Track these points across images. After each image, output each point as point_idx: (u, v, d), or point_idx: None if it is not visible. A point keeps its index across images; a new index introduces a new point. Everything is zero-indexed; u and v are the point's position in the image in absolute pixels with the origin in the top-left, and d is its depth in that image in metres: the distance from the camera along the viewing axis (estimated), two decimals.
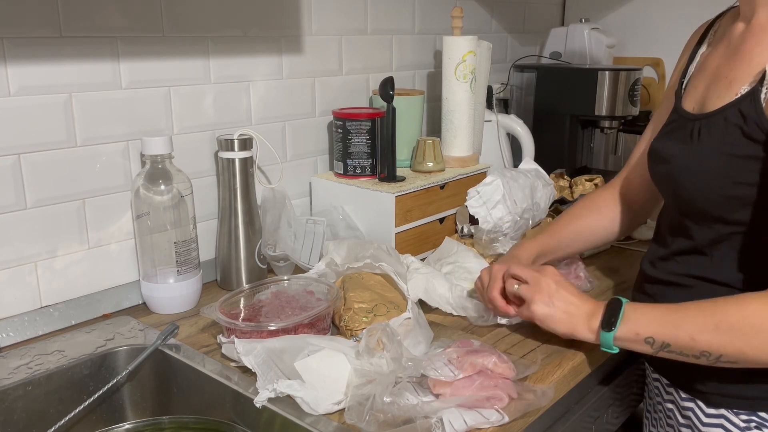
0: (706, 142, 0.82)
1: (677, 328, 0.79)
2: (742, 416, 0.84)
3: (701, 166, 0.82)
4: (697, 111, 0.87)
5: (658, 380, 0.98)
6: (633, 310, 0.84)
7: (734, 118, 0.79)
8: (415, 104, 1.43)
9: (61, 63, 1.00)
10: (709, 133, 0.82)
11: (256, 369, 0.83)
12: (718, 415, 0.86)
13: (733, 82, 0.81)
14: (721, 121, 0.80)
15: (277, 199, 1.23)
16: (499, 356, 0.84)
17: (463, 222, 1.36)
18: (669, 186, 0.89)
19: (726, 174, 0.79)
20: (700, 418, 0.88)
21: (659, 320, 0.81)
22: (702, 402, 0.88)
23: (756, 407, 0.83)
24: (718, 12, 0.99)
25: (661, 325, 0.80)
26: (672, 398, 0.94)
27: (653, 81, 1.90)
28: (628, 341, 0.83)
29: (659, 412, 0.99)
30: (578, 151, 1.73)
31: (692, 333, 0.77)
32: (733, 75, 0.82)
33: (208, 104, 1.20)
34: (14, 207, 0.98)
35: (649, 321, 0.82)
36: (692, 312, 0.78)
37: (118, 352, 0.96)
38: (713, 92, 0.84)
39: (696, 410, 0.88)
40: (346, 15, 1.42)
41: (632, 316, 0.83)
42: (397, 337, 0.83)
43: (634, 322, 0.83)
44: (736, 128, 0.78)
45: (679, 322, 0.79)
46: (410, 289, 1.03)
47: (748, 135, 0.77)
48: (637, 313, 0.83)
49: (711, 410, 0.87)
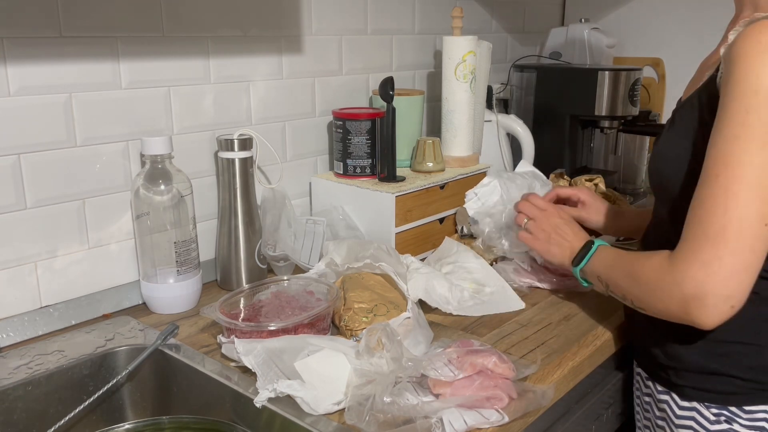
0: (677, 127, 0.87)
1: (612, 271, 0.90)
2: (713, 410, 0.87)
3: (670, 151, 0.87)
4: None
5: (639, 374, 1.00)
6: (600, 252, 0.96)
7: (697, 102, 0.83)
8: (415, 104, 1.43)
9: (61, 63, 1.00)
10: (681, 119, 0.86)
11: (256, 369, 0.83)
12: (690, 408, 0.89)
13: (705, 71, 0.86)
14: (689, 107, 0.85)
15: (277, 199, 1.23)
16: (499, 356, 0.84)
17: (463, 222, 1.36)
18: (650, 174, 0.93)
19: (683, 157, 0.83)
20: (674, 411, 0.91)
21: (608, 263, 0.92)
22: (676, 395, 0.90)
23: (727, 402, 0.86)
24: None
25: (606, 268, 0.92)
26: (650, 391, 0.96)
27: (653, 81, 1.90)
28: (591, 277, 0.97)
29: (638, 405, 1.02)
30: (578, 151, 1.73)
31: (617, 278, 0.89)
32: (706, 65, 0.88)
33: (208, 104, 1.20)
34: (14, 207, 0.98)
35: (603, 263, 0.94)
36: (624, 260, 0.89)
37: (118, 352, 0.96)
38: (691, 85, 0.90)
39: (671, 403, 0.91)
40: (346, 15, 1.42)
41: (598, 256, 0.95)
42: (397, 337, 0.83)
43: (595, 262, 0.95)
44: (696, 112, 0.83)
45: (615, 267, 0.90)
46: (410, 289, 1.03)
47: (702, 118, 0.81)
48: (601, 254, 0.95)
49: (684, 403, 0.89)
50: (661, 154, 0.89)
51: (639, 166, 1.82)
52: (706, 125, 0.78)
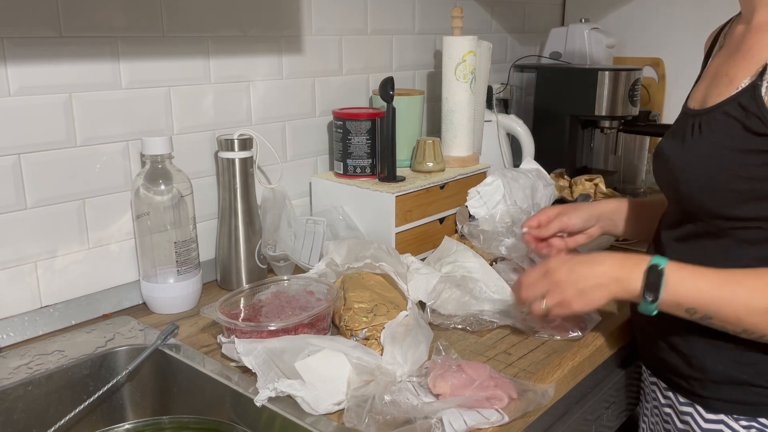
0: (706, 136, 0.82)
1: (723, 306, 0.76)
2: (743, 422, 0.83)
3: (700, 160, 0.82)
4: (698, 108, 0.87)
5: (655, 384, 0.97)
6: (675, 277, 0.79)
7: (734, 111, 0.79)
8: (415, 104, 1.43)
9: (61, 63, 1.00)
10: (709, 128, 0.82)
11: (256, 369, 0.83)
12: (717, 421, 0.85)
13: (734, 79, 0.81)
14: (721, 115, 0.81)
15: (277, 199, 1.23)
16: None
17: (463, 222, 1.36)
18: (671, 183, 0.88)
19: (725, 167, 0.79)
20: (699, 424, 0.87)
21: (704, 294, 0.77)
22: (701, 407, 0.87)
23: (756, 413, 0.82)
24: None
25: (706, 301, 0.77)
26: (670, 402, 0.93)
27: (653, 81, 1.90)
28: (668, 308, 0.80)
29: (656, 416, 0.99)
30: (578, 151, 1.73)
31: (739, 313, 0.75)
32: (733, 72, 0.82)
33: (208, 104, 1.20)
34: (14, 207, 0.98)
35: (693, 293, 0.78)
36: (743, 290, 0.75)
37: (118, 352, 0.96)
38: (713, 90, 0.85)
39: (695, 415, 0.88)
40: (346, 15, 1.42)
41: (674, 283, 0.78)
42: (397, 337, 0.83)
43: (675, 291, 0.78)
44: (736, 122, 0.79)
45: (726, 299, 0.76)
46: (410, 289, 1.03)
47: (750, 128, 0.77)
48: (679, 281, 0.79)
49: (710, 416, 0.86)
50: (696, 164, 0.83)
51: (639, 166, 1.82)
52: (756, 134, 0.76)
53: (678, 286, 0.79)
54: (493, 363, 0.91)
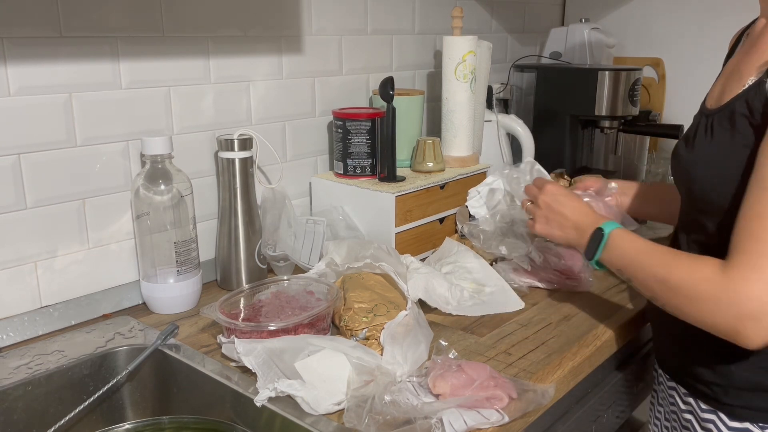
0: (717, 135, 0.83)
1: (637, 270, 0.85)
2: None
3: (712, 158, 0.83)
4: (713, 107, 0.87)
5: (674, 389, 0.96)
6: (616, 240, 0.90)
7: (742, 108, 0.79)
8: (415, 104, 1.43)
9: (61, 63, 1.00)
10: (720, 126, 0.83)
11: (256, 369, 0.83)
12: (742, 429, 0.84)
13: (744, 75, 0.82)
14: (731, 113, 0.81)
15: (277, 199, 1.23)
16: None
17: (463, 222, 1.36)
18: (685, 181, 0.89)
19: (735, 164, 0.79)
20: (722, 431, 0.86)
21: (626, 259, 0.87)
22: (725, 414, 0.86)
23: None
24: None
25: (626, 264, 0.87)
26: (690, 408, 0.92)
27: (653, 81, 1.90)
28: (606, 264, 0.92)
29: (674, 421, 0.97)
30: (578, 151, 1.73)
31: (646, 279, 0.83)
32: (745, 69, 0.82)
33: (208, 104, 1.20)
34: (14, 207, 0.98)
35: (619, 256, 0.89)
36: (653, 260, 0.83)
37: (118, 352, 0.96)
38: (728, 87, 0.85)
39: (718, 423, 0.86)
40: (346, 15, 1.42)
41: (612, 246, 0.90)
42: (397, 337, 0.83)
43: (609, 252, 0.90)
44: (744, 119, 0.79)
45: (641, 264, 0.85)
46: (410, 289, 1.03)
47: (755, 125, 0.77)
48: (618, 244, 0.89)
49: (735, 423, 0.85)
50: (707, 161, 0.84)
51: (639, 166, 1.82)
52: (760, 130, 0.75)
53: (612, 249, 0.90)
54: (493, 363, 0.91)
